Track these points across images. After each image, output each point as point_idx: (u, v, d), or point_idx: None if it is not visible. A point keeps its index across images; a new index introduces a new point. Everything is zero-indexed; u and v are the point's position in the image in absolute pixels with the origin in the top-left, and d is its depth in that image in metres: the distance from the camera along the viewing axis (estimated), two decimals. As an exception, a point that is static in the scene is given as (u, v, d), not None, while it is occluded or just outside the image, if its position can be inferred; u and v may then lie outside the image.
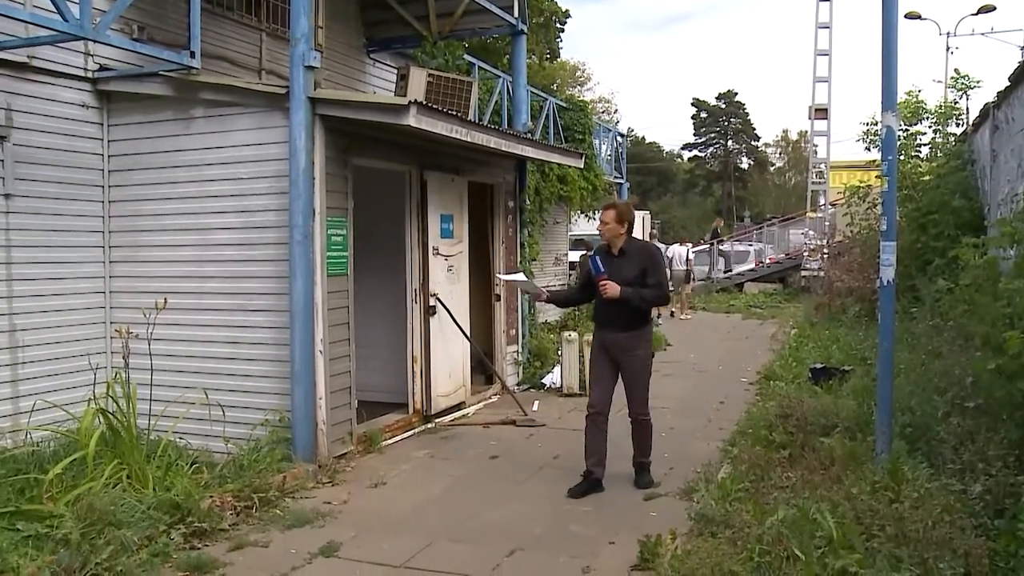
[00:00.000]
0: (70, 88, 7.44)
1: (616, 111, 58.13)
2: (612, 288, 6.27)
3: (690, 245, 22.38)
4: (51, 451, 6.30)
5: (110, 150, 7.75)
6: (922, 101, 14.60)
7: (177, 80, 7.37)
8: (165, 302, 6.75)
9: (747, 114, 71.36)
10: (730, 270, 28.35)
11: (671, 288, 21.78)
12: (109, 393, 6.26)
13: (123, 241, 7.75)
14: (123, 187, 7.73)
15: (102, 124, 7.71)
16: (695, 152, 73.58)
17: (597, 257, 6.50)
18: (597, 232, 6.77)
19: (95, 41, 6.90)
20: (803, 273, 24.68)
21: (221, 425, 6.98)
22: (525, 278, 7.44)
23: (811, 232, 25.50)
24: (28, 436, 6.63)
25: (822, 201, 27.73)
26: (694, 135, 72.76)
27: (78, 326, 7.52)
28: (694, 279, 22.81)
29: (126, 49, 7.14)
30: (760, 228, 29.55)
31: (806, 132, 37.32)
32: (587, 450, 6.51)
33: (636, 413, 6.58)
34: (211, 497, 5.76)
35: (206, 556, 5.12)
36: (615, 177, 21.75)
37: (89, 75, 7.54)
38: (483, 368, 10.17)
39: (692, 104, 72.00)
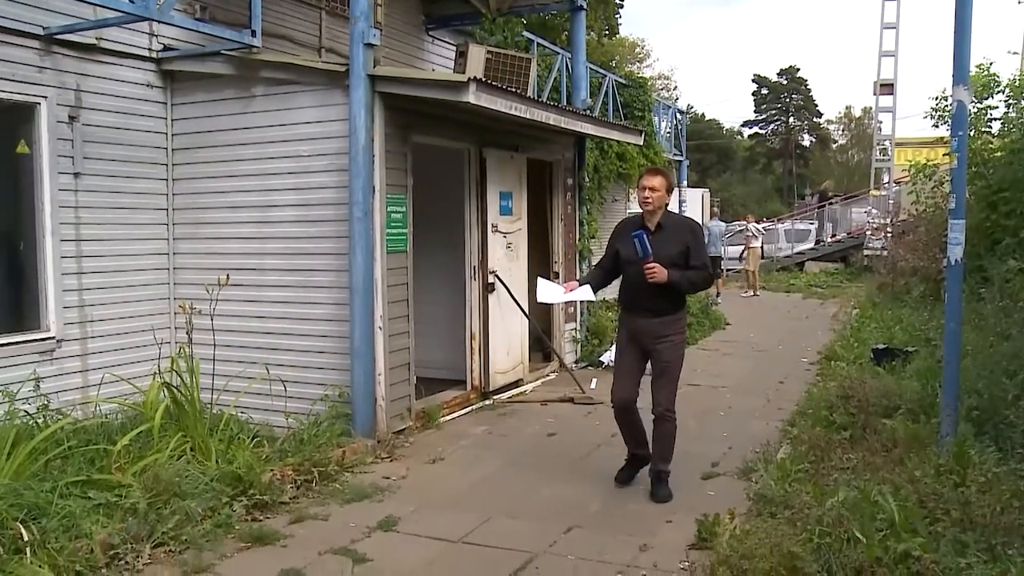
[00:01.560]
0: (135, 68, 7.59)
1: (675, 88, 57.57)
2: (661, 273, 5.51)
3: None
4: (119, 423, 6.47)
5: (173, 128, 7.88)
6: (994, 74, 14.13)
7: (238, 59, 7.45)
8: (228, 278, 6.85)
9: (809, 90, 70.10)
10: (835, 235, 27.83)
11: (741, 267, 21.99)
12: (173, 367, 6.39)
13: (186, 218, 7.89)
14: (186, 165, 7.86)
15: (166, 103, 7.85)
16: (755, 129, 72.54)
17: (645, 235, 5.58)
18: (645, 202, 5.72)
19: (159, 21, 7.02)
20: (866, 252, 24.22)
21: (282, 400, 7.09)
22: (550, 290, 6.28)
23: (874, 211, 25.02)
24: (97, 408, 6.81)
25: (886, 179, 27.10)
26: (755, 112, 71.76)
27: (143, 302, 7.70)
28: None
29: (189, 29, 7.25)
30: (822, 206, 28.96)
31: (870, 108, 36.50)
32: (625, 438, 6.08)
33: (661, 409, 5.75)
34: (272, 470, 5.86)
35: (267, 528, 5.21)
36: (675, 154, 21.54)
37: (153, 55, 7.68)
38: (541, 345, 10.18)
39: (753, 80, 71.00)
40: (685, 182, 23.26)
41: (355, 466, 6.45)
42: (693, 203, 24.25)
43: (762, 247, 21.63)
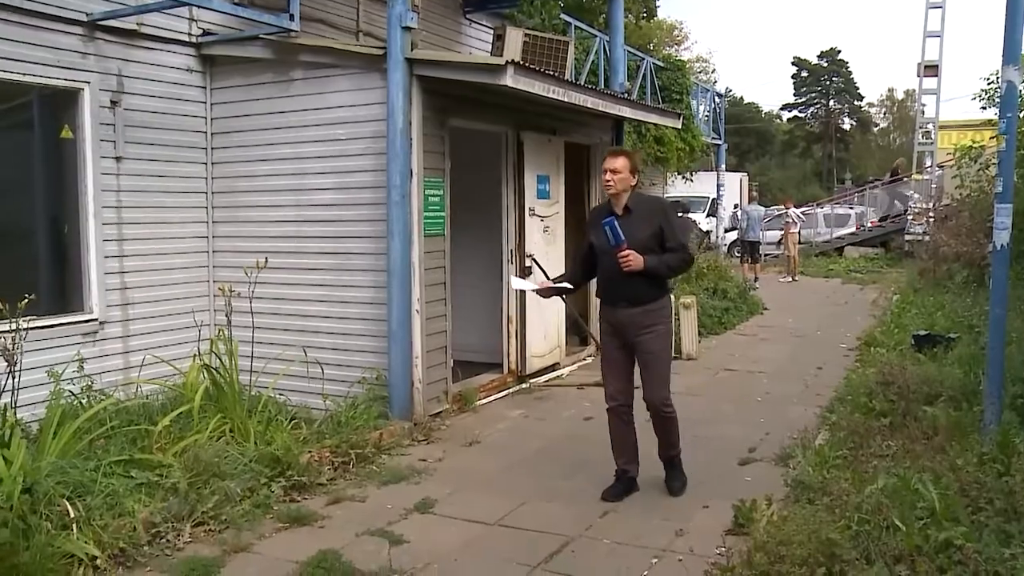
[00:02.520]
0: (176, 53, 7.65)
1: (714, 71, 56.95)
2: (636, 260, 5.16)
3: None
4: (159, 404, 6.57)
5: (212, 113, 7.94)
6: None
7: (277, 43, 7.49)
8: (266, 261, 6.89)
9: (850, 73, 69.02)
10: (904, 211, 27.31)
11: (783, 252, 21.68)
12: (213, 350, 6.45)
13: (225, 202, 7.96)
14: (225, 149, 7.92)
15: (205, 87, 7.91)
16: (795, 113, 71.61)
17: (615, 222, 5.19)
18: (606, 186, 5.39)
19: (199, 6, 7.08)
20: (907, 237, 23.84)
21: (319, 382, 7.15)
22: (532, 284, 6.17)
23: (916, 195, 24.62)
24: (138, 389, 6.91)
25: (928, 163, 26.63)
26: (794, 95, 70.79)
27: (183, 284, 7.79)
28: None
29: (228, 13, 7.30)
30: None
31: (913, 91, 35.74)
32: (615, 448, 5.66)
33: (656, 405, 5.44)
34: (310, 452, 5.91)
35: (305, 509, 5.27)
36: (713, 138, 21.38)
37: (193, 40, 7.74)
38: (578, 329, 10.16)
39: (793, 63, 70.05)
40: (723, 166, 23.07)
41: (392, 448, 6.49)
42: (731, 187, 24.04)
43: (799, 232, 21.41)
